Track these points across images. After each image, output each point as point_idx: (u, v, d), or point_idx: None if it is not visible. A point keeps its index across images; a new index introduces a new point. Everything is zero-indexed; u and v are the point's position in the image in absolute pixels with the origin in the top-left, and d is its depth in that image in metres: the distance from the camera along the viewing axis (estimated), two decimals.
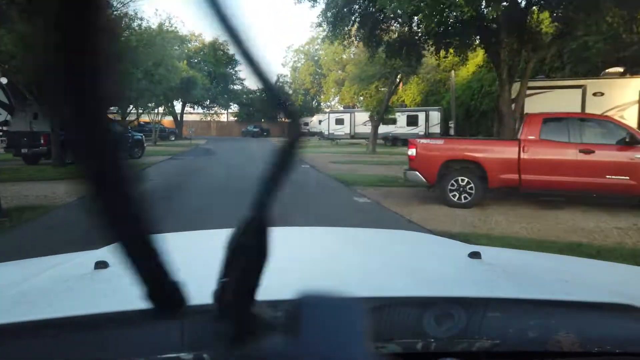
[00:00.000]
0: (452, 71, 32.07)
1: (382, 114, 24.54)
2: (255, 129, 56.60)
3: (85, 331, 0.73)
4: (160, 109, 34.28)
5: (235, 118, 64.27)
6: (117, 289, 0.95)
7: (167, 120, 50.81)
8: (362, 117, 34.36)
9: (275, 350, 0.39)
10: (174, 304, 0.44)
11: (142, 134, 21.46)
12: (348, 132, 34.54)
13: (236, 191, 10.38)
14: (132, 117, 30.42)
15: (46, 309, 0.84)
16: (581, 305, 0.88)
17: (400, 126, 32.21)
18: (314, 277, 1.06)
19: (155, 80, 23.39)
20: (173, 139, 43.70)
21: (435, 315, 0.79)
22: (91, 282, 1.04)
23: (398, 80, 24.65)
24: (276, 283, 0.92)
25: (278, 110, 0.45)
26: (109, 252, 1.31)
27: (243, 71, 0.42)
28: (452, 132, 31.21)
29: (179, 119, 50.24)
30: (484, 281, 1.08)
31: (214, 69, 48.76)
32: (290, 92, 60.40)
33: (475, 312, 0.82)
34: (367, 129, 33.94)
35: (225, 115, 66.45)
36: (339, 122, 34.83)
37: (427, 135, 32.78)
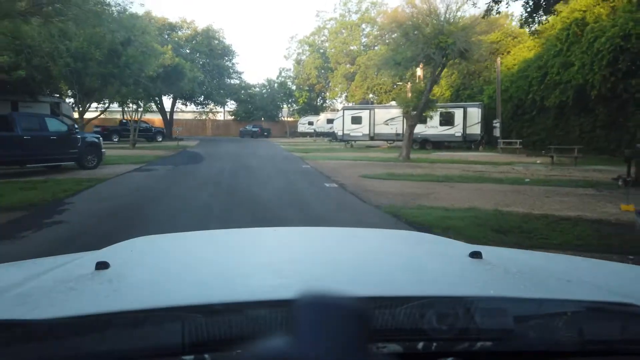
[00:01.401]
0: (498, 58, 26.32)
1: (421, 109, 18.77)
2: (255, 129, 50.93)
3: (87, 331, 0.73)
4: (139, 106, 28.47)
5: (233, 117, 58.49)
6: (118, 290, 0.98)
7: (157, 119, 45.13)
8: (383, 114, 28.55)
9: (274, 349, 0.40)
10: None
11: (98, 136, 15.66)
12: (367, 132, 28.71)
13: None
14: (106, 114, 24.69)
15: (48, 309, 0.84)
16: (582, 305, 0.87)
17: (432, 126, 26.44)
18: (314, 277, 1.05)
19: (122, 63, 17.56)
20: (160, 139, 37.98)
21: (436, 315, 0.76)
22: (92, 283, 1.02)
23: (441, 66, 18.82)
24: (276, 283, 0.95)
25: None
26: (109, 253, 1.27)
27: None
28: (497, 132, 25.47)
29: (168, 117, 44.47)
30: (485, 280, 1.07)
31: (208, 60, 42.90)
32: (294, 87, 54.58)
33: (476, 311, 0.79)
34: (390, 129, 28.21)
35: (222, 114, 60.68)
36: (356, 120, 28.98)
37: (465, 135, 26.95)
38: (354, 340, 0.40)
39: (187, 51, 42.84)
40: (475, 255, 1.20)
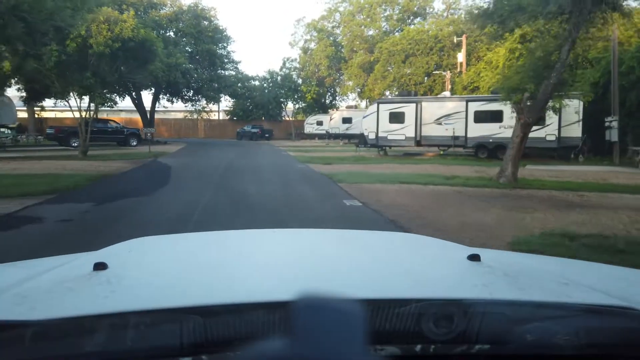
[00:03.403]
0: (614, 25, 18.10)
1: (546, 96, 10.63)
2: (254, 130, 42.86)
3: (85, 332, 0.72)
4: (93, 98, 20.45)
5: (229, 116, 50.30)
6: (116, 291, 0.97)
7: (139, 119, 37.05)
8: (435, 109, 20.34)
9: (272, 351, 0.40)
10: None
11: None
12: (411, 135, 20.42)
13: None
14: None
15: (46, 310, 0.83)
16: (581, 308, 0.86)
17: (510, 125, 18.28)
18: (312, 279, 1.05)
19: (4, 6, 9.47)
20: (134, 143, 29.96)
21: (434, 318, 0.76)
22: (90, 284, 1.01)
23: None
24: (274, 285, 0.96)
25: None
26: (108, 254, 1.28)
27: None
28: (613, 136, 17.30)
29: (148, 115, 36.37)
30: (484, 283, 1.05)
31: (196, 45, 34.74)
32: (300, 81, 46.36)
33: (474, 314, 0.78)
34: (444, 131, 20.05)
35: (218, 113, 52.51)
36: (396, 118, 20.62)
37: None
38: (351, 342, 0.40)
39: (171, 34, 34.69)
40: (474, 258, 1.18)
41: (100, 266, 1.06)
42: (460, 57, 31.60)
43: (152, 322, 0.74)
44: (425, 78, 34.86)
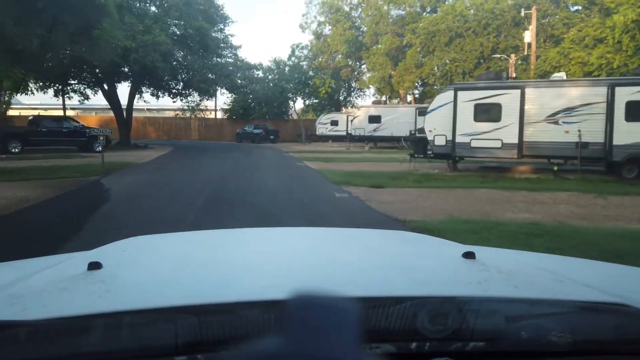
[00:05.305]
0: None
1: None
2: (257, 131, 35.66)
3: (80, 332, 0.72)
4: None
5: (227, 114, 42.95)
6: (111, 290, 0.96)
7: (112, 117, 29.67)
8: (547, 100, 12.75)
9: (267, 350, 0.41)
10: None
11: None
12: (513, 140, 12.57)
13: None
14: None
15: (40, 310, 0.82)
16: (575, 305, 0.86)
17: None
18: (307, 277, 1.04)
19: None
20: (99, 149, 22.59)
21: (429, 315, 0.76)
22: (84, 283, 1.00)
23: None
24: (269, 283, 0.94)
25: None
26: (102, 253, 1.25)
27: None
28: None
29: (124, 114, 28.96)
30: (478, 281, 1.05)
31: (185, 26, 27.26)
32: (311, 73, 38.91)
33: (469, 312, 0.78)
34: (563, 134, 12.66)
35: (214, 111, 45.15)
36: (486, 113, 12.62)
37: None
38: (346, 340, 0.40)
39: (154, 9, 27.25)
40: (469, 255, 1.17)
41: (94, 266, 1.04)
42: (528, 35, 24.12)
43: (147, 322, 0.73)
44: (480, 63, 27.38)
